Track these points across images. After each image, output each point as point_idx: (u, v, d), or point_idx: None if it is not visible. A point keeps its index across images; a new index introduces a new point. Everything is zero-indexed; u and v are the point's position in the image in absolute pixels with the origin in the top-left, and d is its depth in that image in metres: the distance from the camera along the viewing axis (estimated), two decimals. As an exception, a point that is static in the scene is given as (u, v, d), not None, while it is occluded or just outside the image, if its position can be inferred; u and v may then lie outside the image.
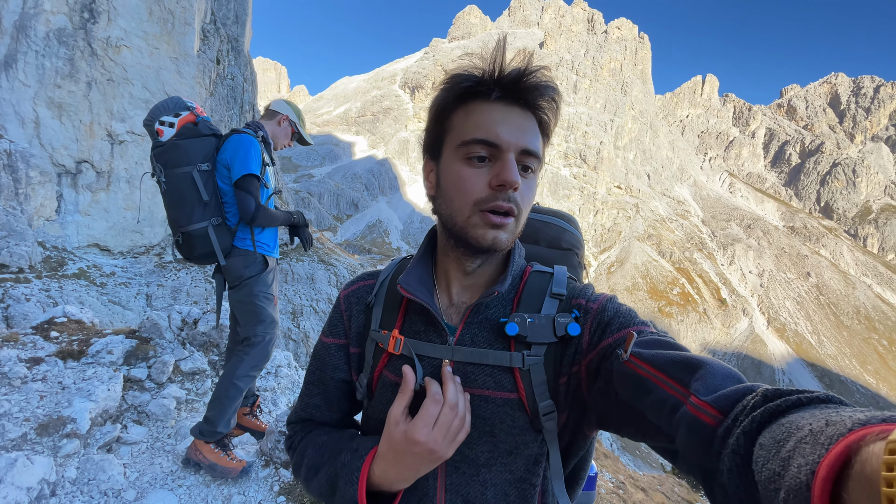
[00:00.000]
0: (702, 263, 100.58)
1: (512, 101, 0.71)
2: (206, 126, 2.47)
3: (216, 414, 2.47)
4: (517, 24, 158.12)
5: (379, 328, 0.81)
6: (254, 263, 2.52)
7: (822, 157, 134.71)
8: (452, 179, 0.72)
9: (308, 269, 22.86)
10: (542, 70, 0.70)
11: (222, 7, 27.21)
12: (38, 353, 3.00)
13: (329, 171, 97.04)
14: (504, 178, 0.68)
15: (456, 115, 0.73)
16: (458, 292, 0.81)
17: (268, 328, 2.56)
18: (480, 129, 0.69)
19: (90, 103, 18.98)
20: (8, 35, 17.55)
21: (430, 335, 0.77)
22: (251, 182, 2.36)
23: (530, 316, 0.74)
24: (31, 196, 16.70)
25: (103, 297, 15.71)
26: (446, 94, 0.73)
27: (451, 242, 0.77)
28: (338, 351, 0.88)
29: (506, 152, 0.69)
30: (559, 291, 0.78)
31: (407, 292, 0.76)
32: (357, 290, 0.89)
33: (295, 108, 2.79)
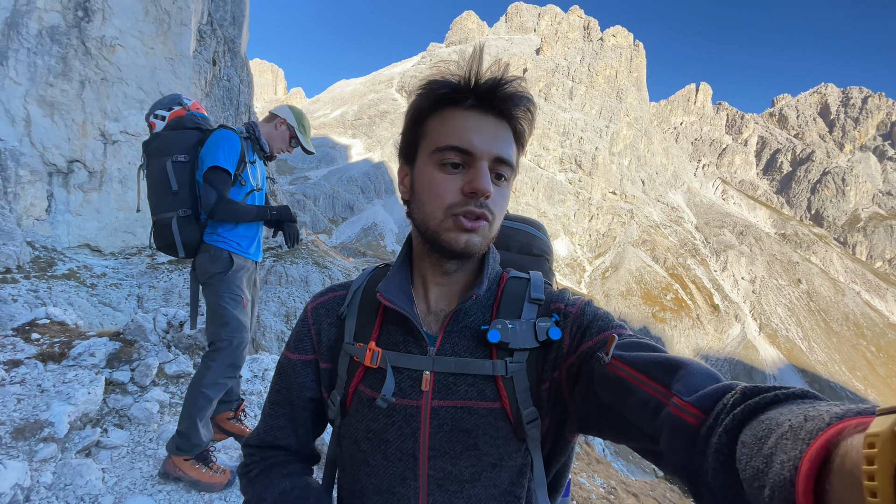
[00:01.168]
0: (695, 269, 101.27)
1: (487, 110, 0.71)
2: (191, 120, 2.46)
3: (188, 427, 2.35)
4: (514, 30, 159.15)
5: (353, 341, 0.78)
6: (218, 260, 2.44)
7: (812, 165, 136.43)
8: (426, 184, 0.72)
9: (302, 271, 22.73)
10: (517, 80, 0.70)
11: (219, 8, 27.17)
12: (18, 355, 2.94)
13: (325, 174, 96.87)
14: (476, 185, 0.68)
15: (431, 120, 0.73)
16: (435, 299, 0.79)
17: (233, 332, 2.44)
18: (454, 136, 0.69)
19: (83, 102, 18.84)
20: (-1, 32, 17.41)
21: (410, 345, 0.75)
22: (215, 174, 2.31)
23: (511, 322, 0.73)
24: (21, 195, 16.51)
25: (93, 299, 15.52)
26: (422, 100, 0.73)
27: (427, 247, 0.76)
28: (305, 367, 0.84)
29: (479, 160, 0.69)
30: (538, 296, 0.78)
31: (386, 300, 0.74)
32: (326, 301, 0.85)
33: (297, 113, 2.73)
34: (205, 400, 2.37)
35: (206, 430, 2.44)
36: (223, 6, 27.45)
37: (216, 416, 2.98)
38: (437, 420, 0.72)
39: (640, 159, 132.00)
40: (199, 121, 2.51)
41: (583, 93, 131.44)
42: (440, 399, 0.72)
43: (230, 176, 2.37)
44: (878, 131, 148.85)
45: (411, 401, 0.73)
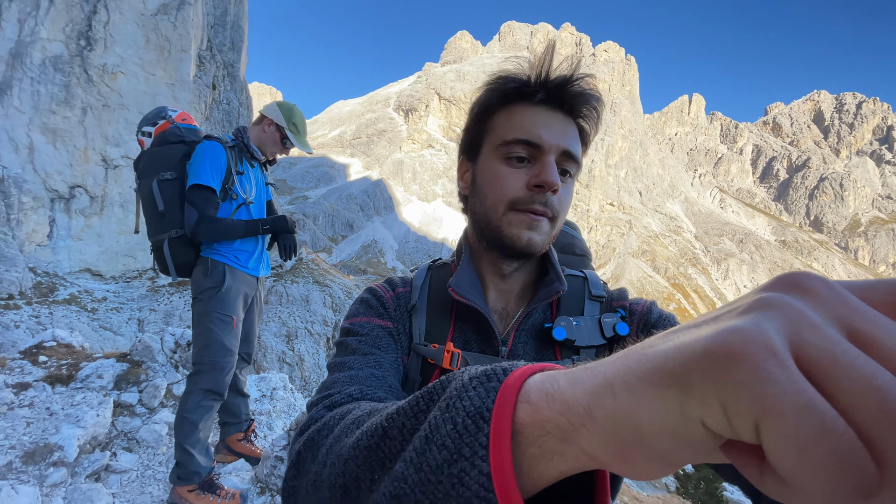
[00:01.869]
0: (696, 279, 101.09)
1: (555, 106, 0.70)
2: (174, 133, 2.35)
3: (181, 455, 2.27)
4: (507, 49, 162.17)
5: (426, 341, 0.73)
6: (213, 274, 2.31)
7: (809, 171, 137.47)
8: (490, 178, 0.71)
9: (303, 290, 22.67)
10: (586, 78, 0.70)
11: (218, 34, 27.75)
12: (26, 378, 2.91)
13: (324, 193, 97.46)
14: (544, 178, 0.66)
15: (498, 115, 0.72)
16: (494, 298, 0.76)
17: (216, 354, 2.31)
18: (522, 130, 0.68)
19: (85, 129, 19.09)
20: (3, 62, 17.74)
21: (483, 345, 0.72)
22: (195, 193, 2.20)
23: (575, 319, 0.71)
24: (23, 221, 16.59)
25: (94, 323, 15.45)
26: (490, 95, 0.72)
27: (485, 244, 0.74)
28: (388, 336, 0.72)
29: (546, 154, 0.68)
30: (598, 293, 0.76)
31: (460, 296, 0.71)
32: (401, 294, 0.78)
33: (286, 109, 2.51)
34: (190, 426, 2.26)
35: (203, 457, 2.33)
36: (222, 32, 28.05)
37: (226, 438, 2.93)
38: None
39: (636, 170, 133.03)
40: (184, 133, 2.39)
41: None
42: None
43: (214, 193, 2.25)
44: (875, 136, 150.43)
45: None
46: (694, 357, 0.19)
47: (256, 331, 2.77)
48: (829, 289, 0.19)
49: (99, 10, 19.82)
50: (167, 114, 2.47)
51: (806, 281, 0.20)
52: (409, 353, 0.74)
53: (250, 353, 2.75)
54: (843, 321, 0.18)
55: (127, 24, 20.49)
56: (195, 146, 2.32)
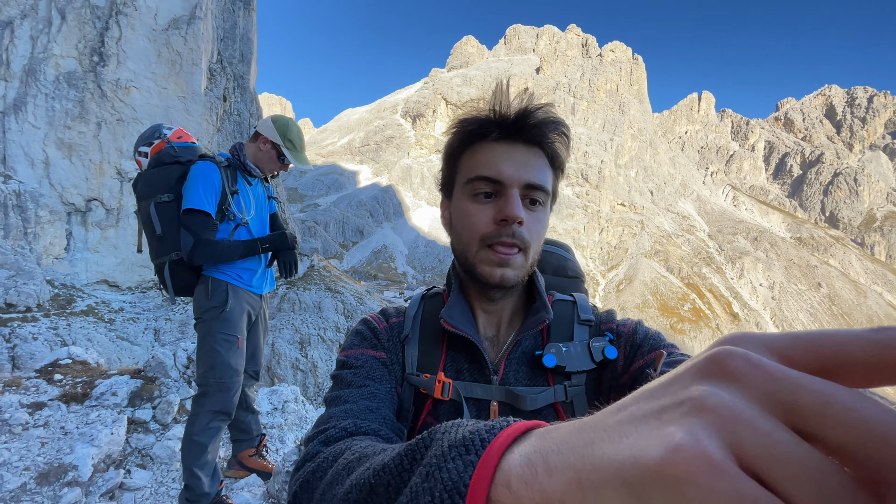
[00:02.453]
0: (711, 278, 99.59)
1: (515, 139, 0.72)
2: (168, 154, 2.31)
3: (188, 477, 2.25)
4: (513, 52, 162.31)
5: (418, 371, 0.75)
6: (216, 293, 2.28)
7: (822, 167, 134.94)
8: (460, 216, 0.74)
9: (315, 297, 22.81)
10: (546, 107, 0.72)
11: (228, 47, 28.22)
12: (41, 397, 2.93)
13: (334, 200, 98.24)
14: (506, 213, 0.68)
15: (464, 156, 0.75)
16: (484, 326, 0.78)
17: (222, 375, 2.27)
18: (483, 167, 0.71)
19: (100, 143, 19.50)
20: (17, 79, 18.23)
21: (475, 374, 0.74)
22: (189, 218, 2.17)
23: (565, 345, 0.73)
24: (41, 235, 16.95)
25: (111, 334, 15.70)
26: (454, 138, 0.76)
27: (468, 276, 0.77)
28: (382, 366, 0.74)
29: (509, 188, 0.70)
30: (587, 317, 0.78)
31: (451, 326, 0.73)
32: (394, 324, 0.81)
33: (281, 125, 2.45)
34: (197, 448, 2.24)
35: (209, 479, 2.30)
36: (232, 45, 28.51)
37: (238, 454, 2.92)
38: None
39: (646, 170, 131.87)
40: (179, 152, 2.34)
41: (585, 108, 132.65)
42: None
43: (209, 216, 2.22)
44: (887, 129, 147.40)
45: None
46: (648, 474, 0.20)
47: (263, 347, 2.74)
48: (753, 367, 0.20)
49: (111, 26, 20.27)
50: (162, 132, 2.44)
51: (730, 363, 0.21)
52: (403, 383, 0.75)
53: (258, 370, 2.73)
54: (772, 399, 0.19)
55: (139, 39, 20.92)
56: (189, 167, 2.28)
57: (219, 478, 2.38)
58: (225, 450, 3.21)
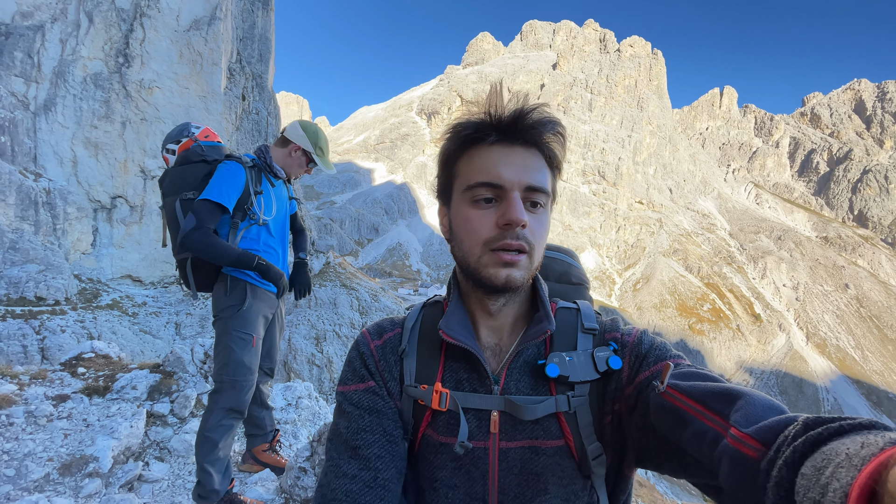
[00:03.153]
0: (732, 278, 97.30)
1: (512, 142, 0.72)
2: (195, 153, 2.36)
3: (200, 474, 2.29)
4: (529, 48, 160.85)
5: (415, 382, 0.75)
6: (234, 292, 2.31)
7: (851, 164, 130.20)
8: (461, 222, 0.73)
9: (331, 293, 23.08)
10: (541, 107, 0.71)
11: (247, 47, 28.65)
12: (65, 390, 3.04)
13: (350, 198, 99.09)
14: (510, 217, 0.68)
15: (460, 161, 0.74)
16: (485, 335, 0.78)
17: (236, 373, 2.31)
18: (482, 172, 0.70)
19: (125, 142, 20.06)
20: (47, 80, 18.85)
21: (475, 384, 0.73)
22: (201, 205, 2.18)
23: (568, 354, 0.72)
24: (69, 231, 17.53)
25: (135, 327, 16.17)
26: (450, 143, 0.75)
27: (471, 284, 0.76)
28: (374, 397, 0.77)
29: (510, 191, 0.69)
30: (591, 326, 0.77)
31: (450, 337, 0.73)
32: (389, 339, 0.81)
33: (312, 132, 2.51)
34: (210, 444, 2.28)
35: (220, 476, 2.34)
36: (251, 45, 28.94)
37: (252, 449, 2.98)
38: (506, 462, 0.70)
39: (665, 167, 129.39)
40: (206, 151, 2.39)
41: (602, 104, 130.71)
42: (507, 440, 0.71)
43: (224, 211, 2.24)
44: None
45: (479, 443, 0.71)
46: None
47: (278, 346, 2.79)
48: None
49: (136, 28, 20.77)
50: (190, 131, 2.49)
51: None
52: (402, 396, 0.76)
53: (273, 367, 2.78)
54: None
55: (162, 40, 21.40)
56: (216, 166, 2.34)
57: (230, 475, 2.41)
58: (240, 444, 3.27)
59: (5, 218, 14.79)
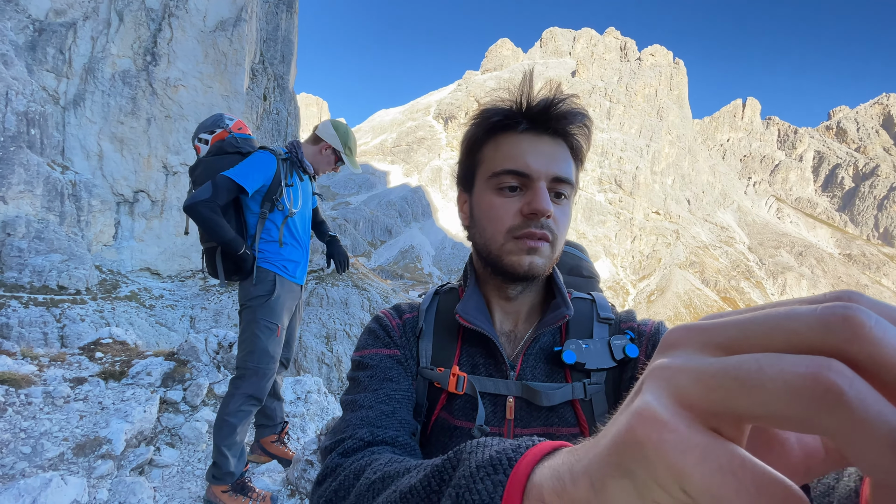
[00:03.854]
0: (750, 293, 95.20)
1: (541, 131, 0.71)
2: (231, 144, 2.43)
3: (217, 456, 2.35)
4: (549, 55, 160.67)
5: (432, 365, 0.75)
6: (263, 283, 2.37)
7: (878, 180, 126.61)
8: (485, 209, 0.73)
9: (343, 293, 23.24)
10: (570, 98, 0.71)
11: (270, 48, 29.19)
12: (83, 373, 3.11)
13: (365, 199, 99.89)
14: (536, 206, 0.68)
15: (486, 147, 0.74)
16: (500, 321, 0.78)
17: (260, 361, 2.37)
18: (510, 160, 0.70)
19: (149, 138, 20.59)
20: (77, 76, 19.48)
21: (490, 369, 0.73)
22: (223, 180, 2.22)
23: (584, 342, 0.72)
24: (92, 223, 18.00)
25: (151, 319, 16.50)
26: (476, 129, 0.75)
27: (489, 270, 0.76)
28: (397, 364, 0.74)
29: (536, 181, 0.69)
30: (607, 315, 0.77)
31: (466, 321, 0.72)
32: (408, 320, 0.81)
33: (343, 133, 2.56)
34: (228, 428, 2.33)
35: (236, 459, 2.39)
36: (273, 46, 29.47)
37: (261, 439, 3.00)
38: None
39: (684, 178, 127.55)
40: (241, 143, 2.47)
41: (621, 112, 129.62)
42: (522, 426, 0.70)
43: (243, 192, 2.29)
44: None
45: (494, 428, 0.70)
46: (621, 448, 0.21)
47: (297, 336, 2.84)
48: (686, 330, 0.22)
49: (164, 27, 21.34)
50: (224, 122, 2.56)
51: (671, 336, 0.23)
52: (417, 378, 0.75)
53: (289, 357, 2.82)
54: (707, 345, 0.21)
55: (188, 40, 21.95)
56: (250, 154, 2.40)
57: (244, 460, 2.47)
58: (248, 435, 3.30)
59: (32, 208, 15.26)
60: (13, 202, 14.56)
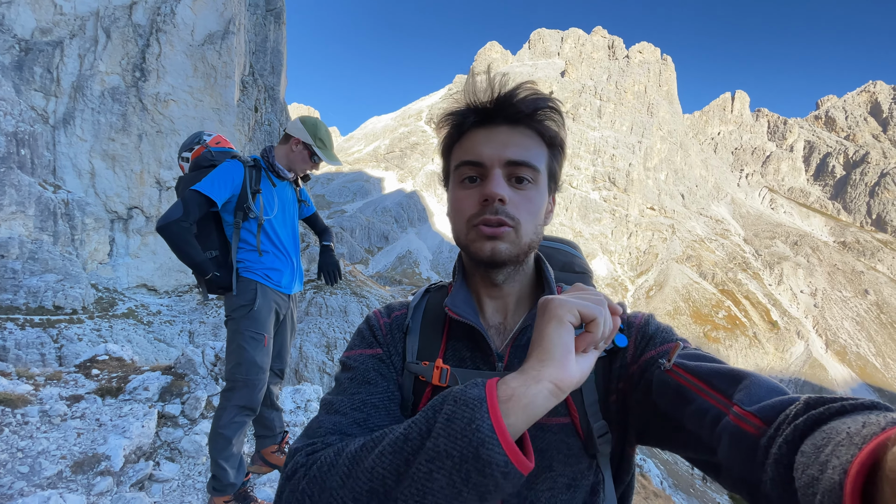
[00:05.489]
0: (747, 284, 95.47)
1: (496, 122, 0.73)
2: (206, 158, 2.46)
3: (216, 469, 2.35)
4: (537, 56, 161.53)
5: (417, 360, 0.77)
6: (244, 292, 2.37)
7: (868, 167, 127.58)
8: (451, 203, 0.77)
9: (341, 301, 23.17)
10: (524, 85, 0.72)
11: (260, 60, 29.22)
12: (79, 390, 3.09)
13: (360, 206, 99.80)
14: (486, 192, 0.70)
15: (455, 147, 0.78)
16: (491, 313, 0.79)
17: (248, 372, 2.36)
18: (466, 153, 0.74)
19: (141, 154, 20.53)
20: (66, 95, 19.43)
21: (478, 362, 0.74)
22: (192, 195, 2.23)
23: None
24: (86, 241, 17.91)
25: (150, 335, 16.40)
26: (446, 133, 0.80)
27: (471, 262, 0.79)
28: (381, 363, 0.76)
29: (490, 168, 0.71)
30: None
31: (455, 314, 0.74)
32: (396, 317, 0.83)
33: (311, 125, 2.51)
34: (223, 441, 2.33)
35: (235, 470, 2.39)
36: (263, 57, 29.51)
37: (262, 450, 2.98)
38: None
39: (677, 173, 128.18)
40: (216, 156, 2.48)
41: (612, 110, 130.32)
42: None
43: (212, 204, 2.29)
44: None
45: None
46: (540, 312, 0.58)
47: (289, 347, 2.81)
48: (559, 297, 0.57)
49: (152, 43, 21.33)
50: (202, 139, 2.60)
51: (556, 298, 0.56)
52: (403, 373, 0.77)
53: (283, 368, 2.79)
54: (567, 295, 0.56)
55: (177, 54, 21.95)
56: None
57: (244, 470, 2.46)
58: (249, 446, 3.28)
59: (25, 229, 15.17)
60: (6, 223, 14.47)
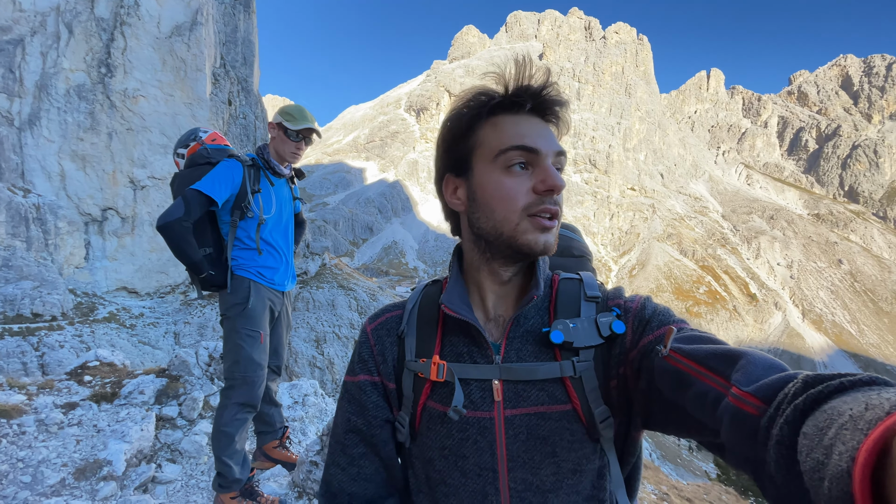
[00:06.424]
0: (726, 259, 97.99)
1: (535, 113, 0.74)
2: (202, 155, 2.46)
3: (220, 467, 2.38)
4: (515, 39, 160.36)
5: (416, 357, 0.78)
6: (238, 290, 2.38)
7: (840, 140, 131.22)
8: (493, 190, 0.73)
9: (328, 295, 23.06)
10: (556, 85, 0.74)
11: (231, 51, 28.36)
12: (73, 398, 3.06)
13: (342, 198, 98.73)
14: (551, 182, 0.70)
15: (483, 129, 0.74)
16: (493, 306, 0.79)
17: (246, 370, 2.39)
18: (518, 137, 0.71)
19: (112, 153, 19.85)
20: (30, 95, 18.61)
21: (475, 355, 0.75)
22: (192, 194, 2.24)
23: (571, 321, 0.73)
24: (61, 246, 17.38)
25: (133, 339, 16.10)
26: (472, 112, 0.75)
27: (489, 255, 0.77)
28: (373, 388, 0.82)
29: (544, 158, 0.71)
30: (594, 294, 0.78)
31: (450, 310, 0.74)
32: (385, 321, 0.84)
33: (281, 109, 2.54)
34: (226, 438, 2.36)
35: (239, 466, 2.42)
36: (234, 49, 28.65)
37: (263, 446, 3.02)
38: (513, 430, 0.71)
39: (656, 152, 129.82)
40: (211, 153, 2.48)
41: (590, 92, 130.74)
42: (512, 407, 0.72)
43: (213, 203, 2.30)
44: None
45: (484, 412, 0.72)
46: None
47: (285, 343, 2.83)
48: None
49: (116, 37, 20.50)
50: (198, 135, 2.59)
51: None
52: (403, 372, 0.79)
53: (280, 365, 2.81)
54: None
55: (143, 48, 21.14)
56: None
57: (248, 466, 2.50)
58: (249, 443, 3.31)
59: (-4, 235, 14.64)
60: (-25, 231, 13.95)
